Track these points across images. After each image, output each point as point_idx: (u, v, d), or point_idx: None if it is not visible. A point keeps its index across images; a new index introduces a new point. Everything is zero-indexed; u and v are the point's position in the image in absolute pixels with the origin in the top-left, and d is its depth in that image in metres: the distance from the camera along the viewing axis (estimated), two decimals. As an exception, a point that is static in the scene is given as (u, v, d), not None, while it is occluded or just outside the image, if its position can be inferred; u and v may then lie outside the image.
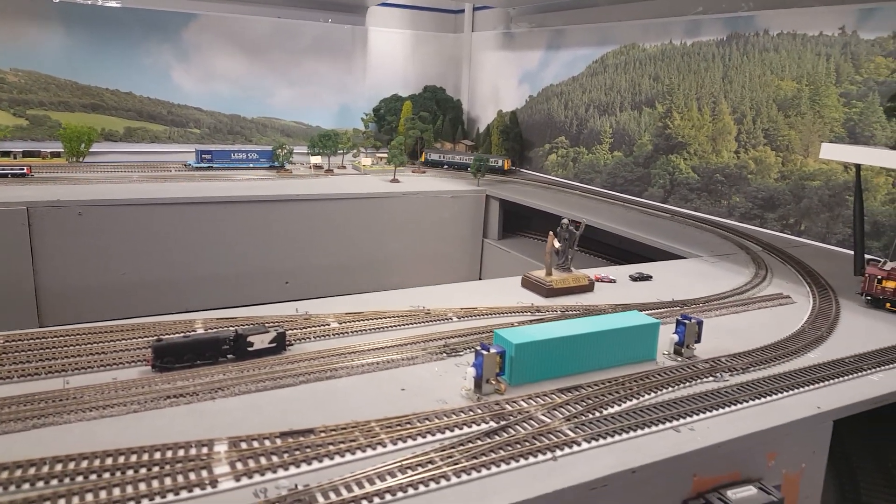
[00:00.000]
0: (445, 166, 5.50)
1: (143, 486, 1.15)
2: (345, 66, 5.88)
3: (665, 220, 3.97)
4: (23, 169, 4.03)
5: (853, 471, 2.13)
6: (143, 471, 1.19)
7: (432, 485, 1.22)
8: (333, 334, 1.92)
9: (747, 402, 1.63)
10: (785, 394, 1.69)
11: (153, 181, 4.25)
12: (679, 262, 3.10)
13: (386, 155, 5.02)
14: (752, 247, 3.32)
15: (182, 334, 1.66)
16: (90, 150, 4.75)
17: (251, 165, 4.83)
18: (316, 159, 5.01)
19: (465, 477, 1.25)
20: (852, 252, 3.02)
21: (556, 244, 2.51)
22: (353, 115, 5.90)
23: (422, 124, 5.32)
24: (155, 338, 1.63)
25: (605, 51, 4.90)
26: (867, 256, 2.95)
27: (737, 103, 3.91)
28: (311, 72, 5.76)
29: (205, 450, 1.27)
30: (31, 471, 1.17)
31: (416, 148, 5.47)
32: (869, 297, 2.49)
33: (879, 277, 2.47)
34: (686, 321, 1.86)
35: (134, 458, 1.23)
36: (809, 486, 1.69)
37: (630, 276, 2.71)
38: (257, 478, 1.20)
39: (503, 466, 1.30)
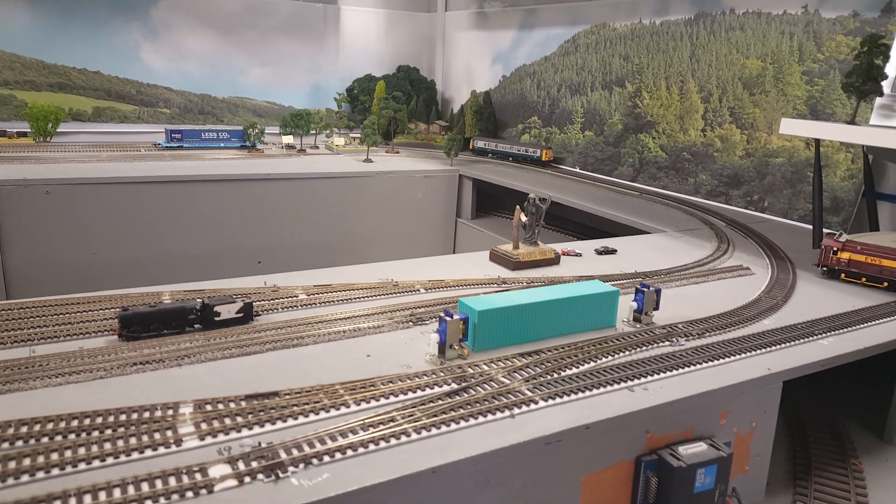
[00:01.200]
0: (510, 158, 5.17)
1: (108, 446, 1.17)
2: (317, 46, 5.83)
3: (633, 197, 4.03)
4: (-13, 148, 3.97)
5: (804, 430, 2.22)
6: (109, 432, 1.22)
7: (393, 441, 1.26)
8: (301, 305, 1.95)
9: (700, 364, 1.69)
10: (737, 357, 1.76)
11: (122, 160, 4.20)
12: (644, 236, 3.16)
13: (359, 135, 5.01)
14: (716, 222, 3.40)
15: (149, 304, 1.68)
16: (58, 129, 4.67)
17: (222, 145, 4.79)
18: (288, 139, 4.99)
19: (425, 433, 1.30)
20: (811, 226, 3.12)
21: (523, 218, 2.56)
22: (326, 94, 5.86)
23: (395, 104, 5.31)
24: (121, 307, 1.65)
25: (576, 30, 4.93)
26: (826, 230, 3.05)
27: (704, 82, 3.97)
28: (283, 51, 5.71)
29: (170, 412, 1.30)
30: (-4, 433, 1.19)
31: (389, 128, 5.47)
32: (825, 268, 2.58)
33: (835, 249, 2.56)
34: (644, 289, 1.92)
35: (99, 420, 1.25)
36: (760, 444, 1.77)
37: (595, 250, 2.77)
38: (221, 437, 1.23)
39: (462, 424, 1.35)
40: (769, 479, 1.88)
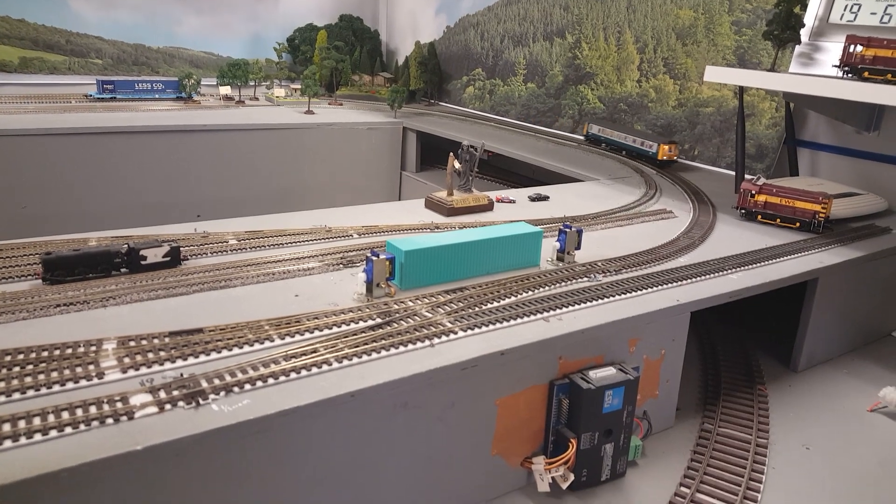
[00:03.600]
0: (623, 152, 3.82)
1: (28, 380, 1.19)
2: (256, -6, 5.66)
3: (572, 148, 4.12)
4: None
5: (717, 361, 2.38)
6: (30, 367, 1.24)
7: (314, 370, 1.32)
8: (231, 250, 1.97)
9: (614, 296, 1.79)
10: (649, 290, 1.87)
11: (52, 112, 4.05)
12: (576, 184, 3.26)
13: (300, 86, 4.93)
14: (647, 170, 3.51)
15: (73, 248, 1.67)
16: (-20, 80, 4.46)
17: (157, 96, 4.65)
18: (226, 90, 4.88)
19: (346, 363, 1.36)
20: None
21: (457, 165, 2.60)
22: (266, 44, 5.71)
23: (337, 54, 5.23)
24: (45, 252, 1.64)
25: (518, -20, 4.91)
26: (748, 176, 3.19)
27: (639, 33, 4.04)
28: (221, -1, 5.52)
29: (93, 348, 1.32)
30: (-87, 372, 1.20)
31: (331, 80, 5.39)
32: (743, 211, 2.72)
33: (752, 192, 2.69)
34: (567, 229, 2.01)
35: (21, 356, 1.27)
36: (669, 371, 1.90)
37: (528, 197, 2.84)
38: (144, 370, 1.27)
39: (384, 353, 1.41)
40: (680, 404, 2.02)
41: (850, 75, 2.57)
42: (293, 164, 4.35)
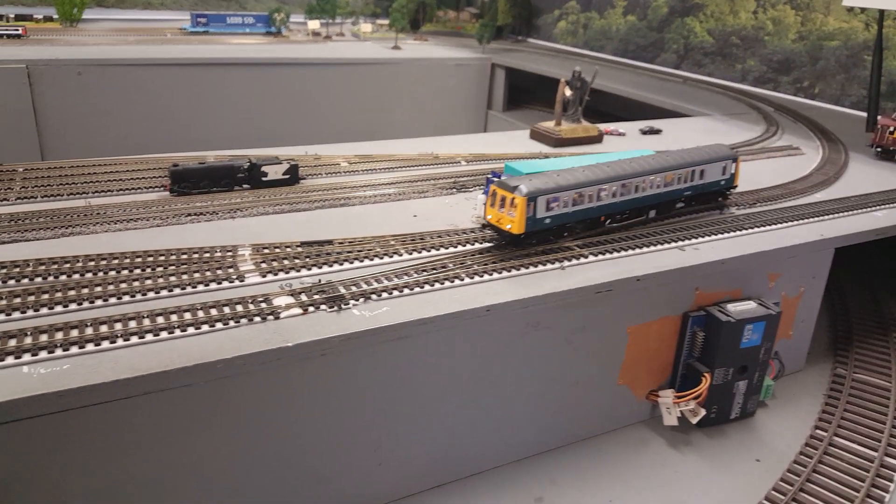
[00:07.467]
0: None
1: (173, 279, 1.21)
2: (344, -74, 5.53)
3: (677, 84, 3.88)
4: (18, 30, 3.91)
5: (846, 305, 2.22)
6: (172, 268, 1.25)
7: (447, 283, 1.28)
8: (344, 172, 1.94)
9: (752, 228, 1.67)
10: (788, 223, 1.73)
11: (150, 44, 4.12)
12: (690, 119, 3.07)
13: (387, 22, 4.83)
14: (763, 107, 3.27)
15: (198, 162, 1.68)
16: (83, 15, 4.57)
17: (247, 31, 4.66)
18: (314, 24, 4.83)
19: (477, 279, 1.31)
20: (865, 113, 2.99)
21: (568, 92, 2.48)
22: (354, -20, 5.62)
23: (426, -12, 5.09)
24: (172, 164, 1.65)
25: None
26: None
27: (759, -42, 3.71)
28: (309, -68, 5.42)
29: (229, 253, 1.33)
30: (64, 266, 1.22)
31: (416, 16, 5.25)
32: (879, 149, 2.49)
33: (892, 128, 2.45)
34: (695, 158, 1.87)
35: (162, 258, 1.28)
36: (806, 311, 1.77)
37: (640, 130, 2.70)
38: (282, 275, 1.26)
39: (514, 272, 1.36)
40: (809, 347, 1.89)
41: None
42: (379, 99, 4.29)
